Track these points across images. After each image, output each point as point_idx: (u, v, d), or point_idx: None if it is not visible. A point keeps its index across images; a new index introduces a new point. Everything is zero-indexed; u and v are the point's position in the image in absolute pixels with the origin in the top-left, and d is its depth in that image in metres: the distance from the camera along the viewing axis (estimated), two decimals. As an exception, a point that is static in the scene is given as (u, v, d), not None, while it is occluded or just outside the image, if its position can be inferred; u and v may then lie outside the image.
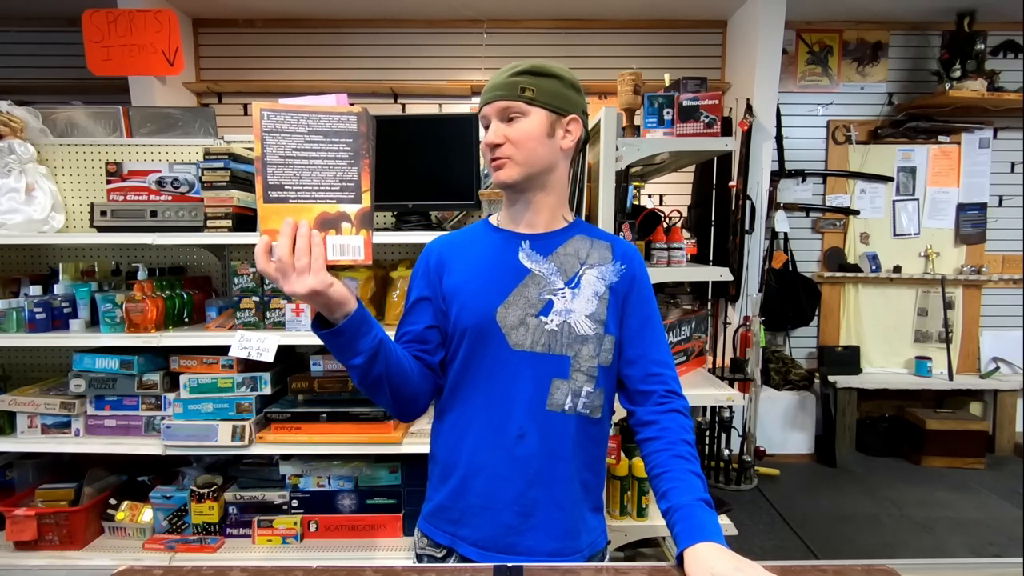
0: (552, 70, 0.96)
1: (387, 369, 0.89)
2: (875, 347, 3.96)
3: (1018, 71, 3.78)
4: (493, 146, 0.95)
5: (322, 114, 0.78)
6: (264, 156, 0.78)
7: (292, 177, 0.78)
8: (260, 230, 0.78)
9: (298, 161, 0.78)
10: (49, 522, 1.83)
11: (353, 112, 0.78)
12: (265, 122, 0.77)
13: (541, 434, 0.93)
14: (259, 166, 0.78)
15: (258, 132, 0.77)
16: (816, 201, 3.94)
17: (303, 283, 0.76)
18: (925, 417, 3.57)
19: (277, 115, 0.77)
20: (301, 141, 0.78)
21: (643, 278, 1.02)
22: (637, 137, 1.87)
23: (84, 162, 2.14)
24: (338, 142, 0.79)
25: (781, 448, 3.71)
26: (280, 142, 0.78)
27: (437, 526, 1.00)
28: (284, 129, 0.78)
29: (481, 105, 0.97)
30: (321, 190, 0.79)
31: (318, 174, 0.79)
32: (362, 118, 0.79)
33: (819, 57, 3.88)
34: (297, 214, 0.78)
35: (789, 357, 3.90)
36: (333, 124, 0.79)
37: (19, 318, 1.81)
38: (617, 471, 1.84)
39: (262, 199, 0.78)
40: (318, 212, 0.79)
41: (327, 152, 0.79)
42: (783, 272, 3.80)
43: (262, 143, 0.77)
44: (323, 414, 1.84)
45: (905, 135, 3.85)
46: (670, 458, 0.92)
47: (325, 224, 0.79)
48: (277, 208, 0.78)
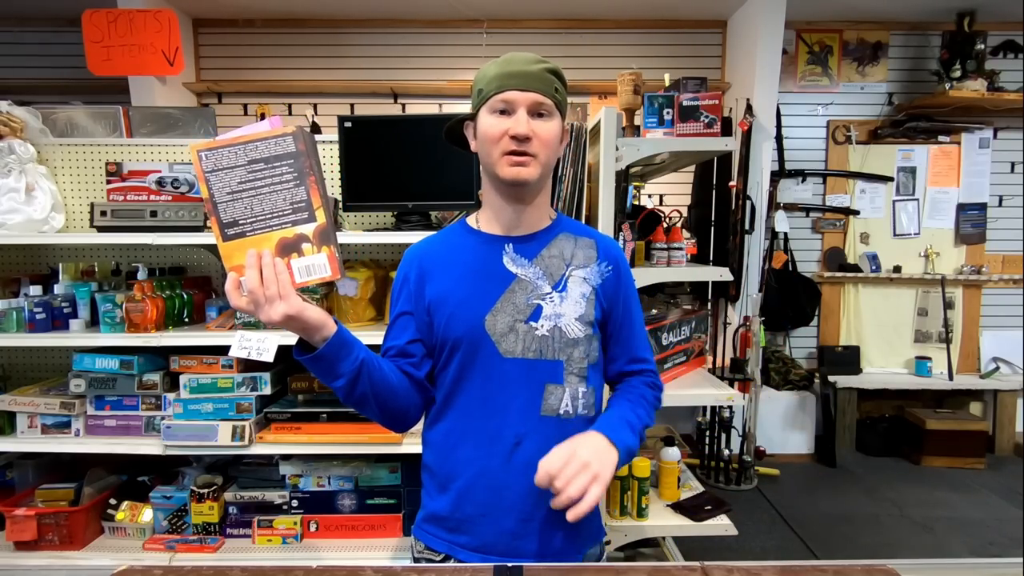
0: (565, 77, 0.96)
1: (371, 388, 0.89)
2: (875, 347, 3.95)
3: (1018, 71, 3.78)
4: (522, 139, 0.88)
5: (258, 141, 0.78)
6: (212, 196, 0.78)
7: (244, 210, 0.78)
8: (227, 268, 0.79)
9: (246, 193, 0.78)
10: (49, 522, 1.83)
11: (287, 133, 0.78)
12: (204, 163, 0.77)
13: (538, 440, 0.93)
14: (210, 207, 0.78)
15: (201, 174, 0.77)
16: (816, 201, 3.95)
17: (276, 310, 0.77)
18: (925, 417, 3.57)
19: (214, 153, 0.77)
20: (244, 173, 0.78)
21: (627, 277, 1.03)
22: (637, 137, 1.87)
23: (84, 162, 2.14)
24: (280, 165, 0.78)
25: (781, 448, 3.71)
26: (224, 179, 0.78)
27: (433, 534, 0.99)
28: (224, 165, 0.78)
29: (506, 88, 0.89)
30: (274, 216, 0.79)
31: (268, 201, 0.79)
32: (298, 137, 0.78)
33: (819, 57, 3.88)
34: (258, 245, 0.79)
35: (789, 357, 3.90)
36: (271, 149, 0.78)
37: (19, 318, 1.81)
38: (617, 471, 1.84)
39: (221, 239, 0.78)
40: (277, 239, 0.79)
41: (271, 178, 0.78)
42: (783, 272, 3.80)
43: (207, 184, 0.77)
44: (323, 414, 1.84)
45: (905, 135, 3.85)
46: (620, 399, 1.01)
47: (286, 249, 0.79)
48: (238, 244, 0.79)
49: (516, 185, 0.92)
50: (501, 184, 0.93)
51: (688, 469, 2.20)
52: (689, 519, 1.86)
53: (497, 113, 0.90)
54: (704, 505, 1.92)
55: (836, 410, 3.71)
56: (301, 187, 0.79)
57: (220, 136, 0.79)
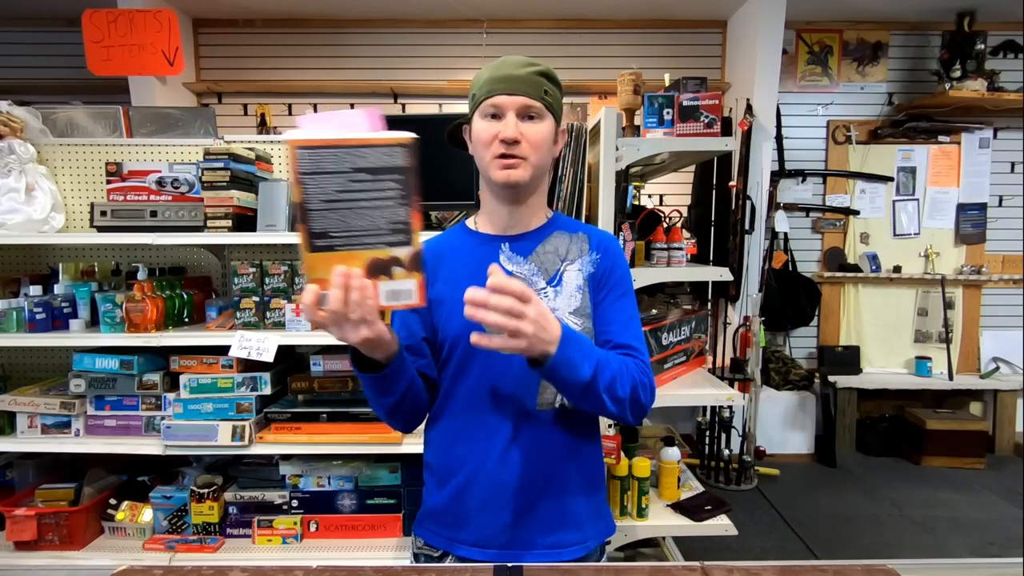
0: (558, 78, 0.97)
1: (412, 401, 0.91)
2: (875, 347, 3.95)
3: (1018, 71, 3.78)
4: (510, 142, 0.90)
5: (366, 148, 0.68)
6: (306, 202, 0.69)
7: (338, 223, 0.70)
8: (307, 279, 0.72)
9: (343, 204, 0.69)
10: (49, 522, 1.83)
11: (401, 143, 0.69)
12: (303, 162, 0.68)
13: (534, 433, 0.94)
14: (301, 213, 0.69)
15: (295, 175, 0.68)
16: (816, 201, 3.95)
17: (358, 333, 0.74)
18: (925, 417, 3.57)
19: (315, 153, 0.68)
20: (345, 182, 0.69)
21: (620, 265, 1.01)
22: (637, 137, 1.87)
23: (84, 162, 2.14)
24: (385, 179, 0.70)
25: (781, 448, 3.71)
26: (322, 184, 0.69)
27: (432, 530, 1.00)
28: (324, 169, 0.68)
29: (495, 93, 0.90)
30: (370, 235, 0.71)
31: (366, 217, 0.70)
32: (410, 150, 0.70)
33: (819, 57, 3.88)
34: (346, 261, 0.71)
35: (789, 357, 3.90)
36: (379, 159, 0.69)
37: (19, 318, 1.81)
38: (617, 471, 1.84)
39: (307, 248, 0.70)
40: (369, 258, 0.71)
41: (374, 192, 0.70)
42: (783, 272, 3.80)
43: (302, 188, 0.68)
44: (323, 414, 1.84)
45: (905, 135, 3.85)
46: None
47: (376, 270, 0.72)
48: (325, 257, 0.71)
49: (508, 187, 0.93)
50: (495, 186, 0.95)
51: (688, 469, 2.20)
52: (689, 519, 1.86)
53: (488, 117, 0.92)
54: (704, 505, 1.92)
55: (836, 410, 3.71)
56: (404, 207, 0.72)
57: (314, 126, 0.68)
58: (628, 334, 0.97)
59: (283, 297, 1.85)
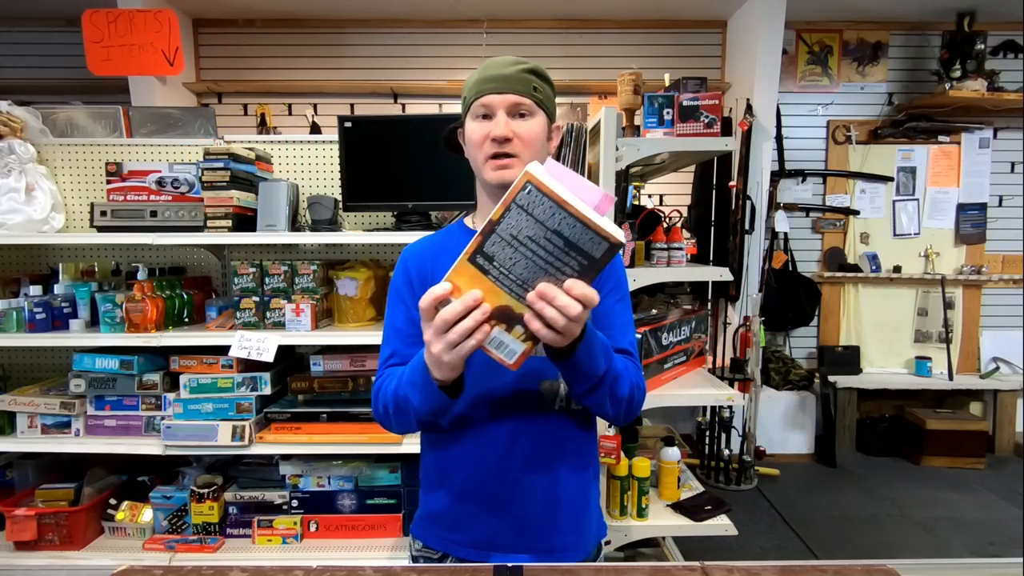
0: (548, 75, 0.96)
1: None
2: (875, 347, 3.96)
3: (1018, 71, 3.78)
4: (501, 140, 0.89)
5: (580, 222, 0.67)
6: (497, 224, 0.69)
7: (506, 259, 0.70)
8: (447, 278, 0.73)
9: (523, 248, 0.69)
10: (49, 522, 1.83)
11: (610, 239, 0.68)
12: (522, 196, 0.68)
13: (533, 436, 0.93)
14: (487, 227, 0.70)
15: (510, 198, 0.68)
16: (816, 201, 3.95)
17: (440, 351, 0.73)
18: (925, 417, 3.57)
19: (538, 196, 0.67)
20: (540, 233, 0.69)
21: (619, 267, 1.02)
22: (637, 137, 1.87)
23: (84, 162, 2.14)
24: (573, 256, 0.69)
25: (781, 448, 3.71)
26: (522, 222, 0.68)
27: (431, 532, 1.00)
28: (534, 213, 0.68)
29: (484, 93, 0.90)
30: (522, 286, 0.71)
31: (532, 271, 0.70)
32: (612, 249, 0.69)
33: (819, 57, 3.88)
34: (487, 290, 0.71)
35: (789, 357, 3.90)
36: (581, 236, 0.68)
37: (19, 318, 1.81)
38: (617, 471, 1.84)
39: (467, 256, 0.71)
40: (506, 303, 0.72)
41: (555, 258, 0.69)
42: (783, 272, 3.80)
43: (506, 212, 0.69)
44: (323, 414, 1.84)
45: (905, 135, 3.85)
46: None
47: (502, 316, 0.72)
48: (474, 273, 0.71)
49: (502, 187, 0.92)
50: (489, 187, 0.94)
51: (688, 469, 2.20)
52: (689, 519, 1.86)
53: (479, 118, 0.92)
54: (704, 505, 1.92)
55: (836, 410, 3.71)
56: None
57: (556, 173, 0.68)
58: (626, 339, 0.97)
59: (283, 297, 1.85)
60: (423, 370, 0.81)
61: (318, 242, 2.08)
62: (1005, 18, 3.70)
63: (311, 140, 2.19)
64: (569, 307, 0.69)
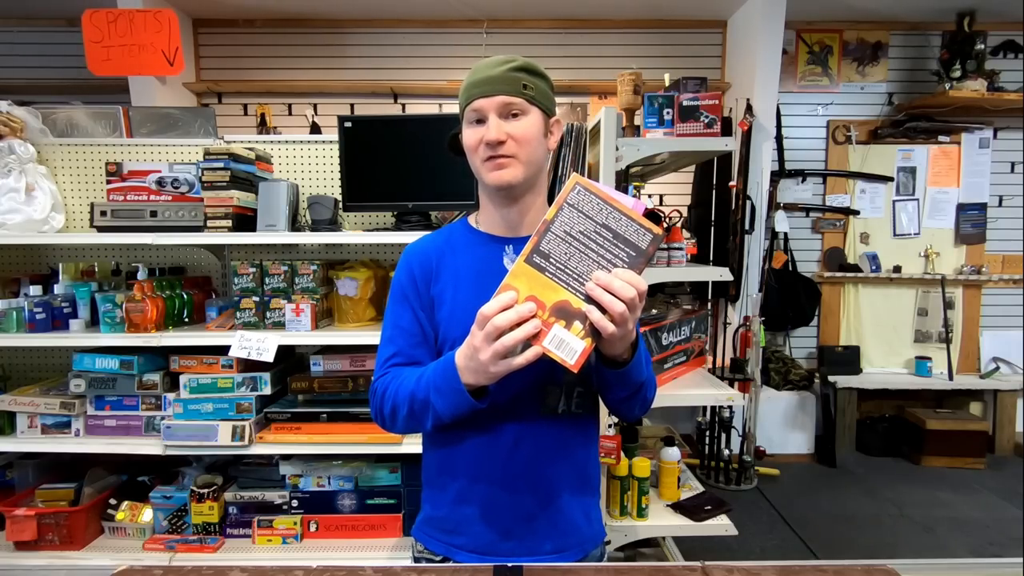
0: (542, 70, 0.94)
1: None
2: (875, 347, 3.95)
3: (1018, 71, 3.78)
4: (495, 143, 0.88)
5: (625, 217, 0.76)
6: (551, 224, 0.77)
7: (562, 255, 0.77)
8: (505, 281, 0.78)
9: (577, 243, 0.77)
10: (49, 522, 1.83)
11: (653, 231, 0.76)
12: (572, 195, 0.77)
13: (536, 439, 0.93)
14: (542, 229, 0.78)
15: (561, 200, 0.77)
16: (816, 201, 3.95)
17: (488, 358, 0.75)
18: (925, 417, 3.57)
19: (587, 195, 0.77)
20: (592, 228, 0.77)
21: None
22: (637, 137, 1.87)
23: (84, 162, 2.14)
24: (622, 248, 0.77)
25: (781, 448, 3.71)
26: (572, 218, 0.77)
27: (432, 535, 0.99)
28: (584, 210, 0.77)
29: (473, 98, 0.90)
30: (578, 280, 0.76)
31: (587, 265, 0.76)
32: (656, 240, 0.77)
33: (819, 57, 3.88)
34: (546, 287, 0.76)
35: (789, 357, 3.90)
36: (628, 229, 0.76)
37: (19, 318, 1.81)
38: (617, 471, 1.84)
39: (524, 258, 0.77)
40: (564, 298, 0.76)
41: (607, 251, 0.77)
42: (783, 272, 3.80)
43: (559, 212, 0.77)
44: (323, 414, 1.84)
45: (905, 135, 3.85)
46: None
47: (561, 313, 0.76)
48: (533, 273, 0.77)
49: (502, 188, 0.92)
50: (490, 189, 0.94)
51: (688, 469, 2.20)
52: (689, 519, 1.86)
53: (473, 123, 0.92)
54: (704, 505, 1.92)
55: (836, 410, 3.71)
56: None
57: (602, 184, 0.78)
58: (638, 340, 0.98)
59: (283, 297, 1.85)
60: (451, 375, 0.81)
61: (318, 242, 2.08)
62: (1005, 18, 3.70)
63: (311, 140, 2.19)
64: (624, 290, 0.73)
